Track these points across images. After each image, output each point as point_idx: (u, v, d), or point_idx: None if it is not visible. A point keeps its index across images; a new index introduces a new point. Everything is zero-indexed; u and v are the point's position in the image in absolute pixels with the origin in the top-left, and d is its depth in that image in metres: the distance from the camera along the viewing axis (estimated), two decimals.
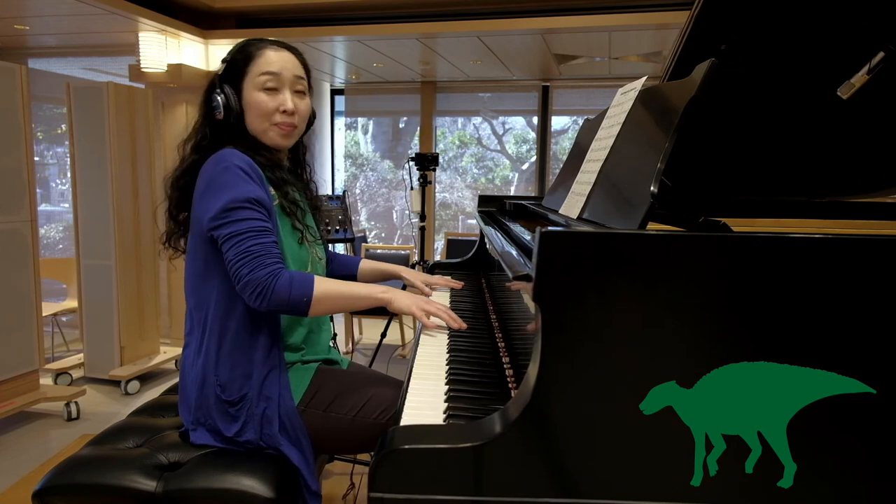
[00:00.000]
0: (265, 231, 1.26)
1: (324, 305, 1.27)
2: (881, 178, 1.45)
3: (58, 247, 6.07)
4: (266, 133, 1.39)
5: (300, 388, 1.33)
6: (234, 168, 1.27)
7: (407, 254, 4.59)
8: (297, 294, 1.23)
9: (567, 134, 5.81)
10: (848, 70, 1.18)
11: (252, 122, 1.39)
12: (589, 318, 0.81)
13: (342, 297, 1.29)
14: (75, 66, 5.19)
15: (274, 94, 1.37)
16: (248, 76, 1.37)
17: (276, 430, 1.27)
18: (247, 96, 1.37)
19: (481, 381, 1.19)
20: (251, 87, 1.37)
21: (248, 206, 1.25)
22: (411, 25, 3.78)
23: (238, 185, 1.26)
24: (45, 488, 1.20)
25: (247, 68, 1.37)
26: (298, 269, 1.40)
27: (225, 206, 1.24)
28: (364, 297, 1.32)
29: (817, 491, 0.82)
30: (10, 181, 2.86)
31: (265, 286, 1.21)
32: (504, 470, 0.83)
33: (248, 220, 1.24)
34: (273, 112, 1.37)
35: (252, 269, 1.22)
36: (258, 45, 1.40)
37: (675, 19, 3.28)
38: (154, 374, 3.75)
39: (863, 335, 0.80)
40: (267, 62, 1.37)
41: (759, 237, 0.80)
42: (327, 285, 1.28)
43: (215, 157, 1.31)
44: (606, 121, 1.33)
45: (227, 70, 1.39)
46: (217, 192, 1.25)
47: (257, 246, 1.23)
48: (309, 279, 1.26)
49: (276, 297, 1.22)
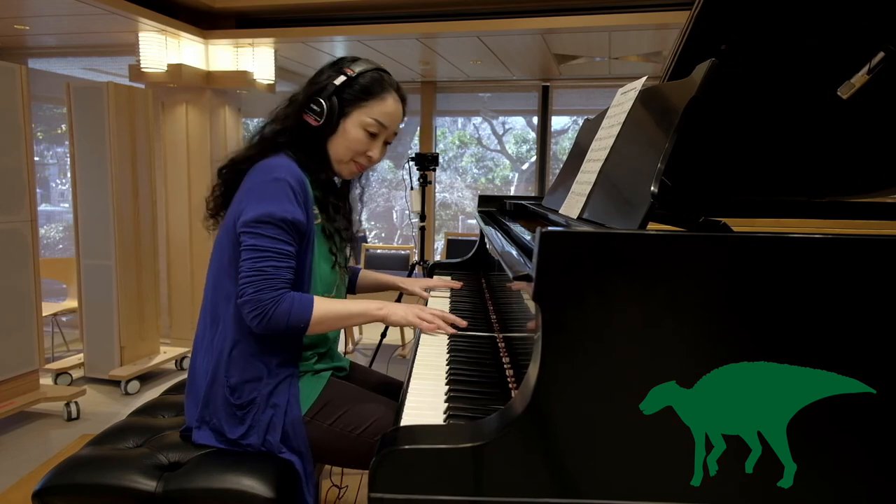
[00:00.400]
0: (286, 255, 1.27)
1: (321, 327, 1.28)
2: (881, 178, 1.46)
3: (58, 247, 6.07)
4: (342, 163, 1.41)
5: (309, 398, 1.32)
6: (284, 183, 1.27)
7: (407, 254, 4.59)
8: (295, 319, 1.25)
9: (567, 134, 5.81)
10: (848, 70, 1.18)
11: (337, 147, 1.39)
12: (589, 318, 0.81)
13: (339, 317, 1.31)
14: (75, 66, 5.19)
15: (370, 139, 1.39)
16: (361, 110, 1.37)
17: (278, 439, 1.27)
18: (348, 125, 1.37)
19: (481, 381, 1.19)
20: (357, 121, 1.37)
21: (281, 225, 1.26)
22: (411, 25, 3.78)
23: (281, 201, 1.26)
24: (45, 488, 1.20)
25: (365, 102, 1.37)
26: (326, 291, 1.43)
27: (260, 218, 1.24)
28: (360, 314, 1.34)
29: (817, 491, 0.82)
30: (10, 181, 2.86)
31: (264, 310, 1.23)
32: (504, 470, 0.83)
33: (274, 238, 1.25)
34: (361, 153, 1.40)
35: (258, 289, 1.23)
36: (386, 86, 1.39)
37: (675, 19, 3.28)
38: (154, 374, 3.75)
39: (863, 335, 0.80)
40: (384, 111, 1.38)
41: (759, 237, 0.80)
42: (325, 307, 1.29)
43: (271, 163, 1.31)
44: (606, 121, 1.33)
45: (345, 85, 1.37)
46: (259, 199, 1.26)
47: (272, 268, 1.25)
48: (308, 303, 1.27)
49: (273, 322, 1.23)
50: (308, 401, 1.31)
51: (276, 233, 1.25)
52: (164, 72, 3.95)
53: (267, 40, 4.10)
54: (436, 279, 2.01)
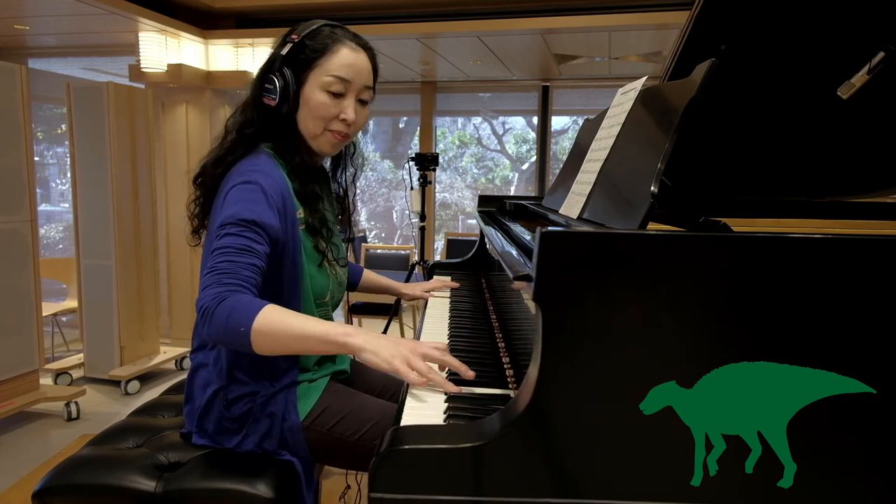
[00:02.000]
0: (247, 251, 1.10)
1: (268, 340, 1.04)
2: (881, 178, 1.45)
3: (58, 247, 6.07)
4: (317, 138, 1.28)
5: (307, 405, 1.27)
6: (255, 186, 1.17)
7: (407, 254, 4.59)
8: (234, 321, 1.02)
9: (567, 134, 5.81)
10: (848, 70, 1.18)
11: (305, 121, 1.26)
12: (589, 318, 0.81)
13: (292, 332, 1.04)
14: (75, 66, 5.20)
15: (337, 100, 1.26)
16: (316, 70, 1.24)
17: (275, 446, 1.25)
18: (307, 92, 1.25)
19: (481, 380, 1.19)
20: (315, 83, 1.24)
21: (244, 224, 1.12)
22: (411, 25, 3.78)
23: (249, 204, 1.15)
24: (45, 488, 1.20)
25: (317, 61, 1.24)
26: (319, 294, 1.32)
27: (224, 221, 1.13)
28: (318, 337, 1.05)
29: (817, 491, 0.82)
30: (10, 181, 2.86)
31: (206, 308, 1.04)
32: (504, 470, 0.83)
33: (236, 235, 1.11)
34: (332, 119, 1.26)
35: (207, 285, 1.06)
36: (335, 38, 1.25)
37: (675, 19, 3.29)
38: (154, 374, 3.75)
39: (863, 335, 0.80)
40: (340, 63, 1.24)
41: (759, 237, 0.80)
42: (277, 316, 1.04)
43: (245, 166, 1.21)
44: (606, 121, 1.33)
45: (293, 52, 1.23)
46: (230, 204, 1.16)
47: (227, 263, 1.08)
48: (254, 306, 1.04)
49: (214, 325, 1.04)
50: (306, 408, 1.27)
51: (238, 231, 1.12)
52: (164, 72, 3.95)
53: (267, 40, 4.10)
54: (435, 280, 2.01)
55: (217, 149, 1.30)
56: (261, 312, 1.03)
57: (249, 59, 4.21)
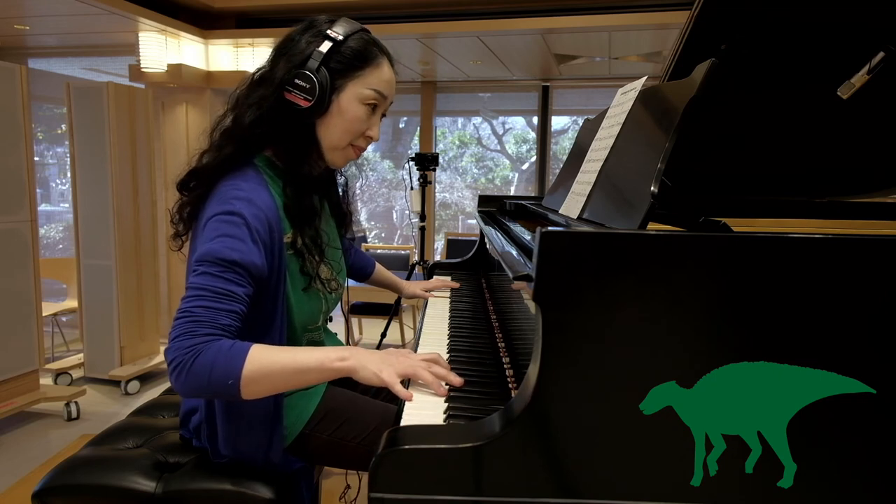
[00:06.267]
0: (227, 295, 1.00)
1: (261, 386, 0.99)
2: (881, 178, 1.45)
3: (58, 247, 6.07)
4: (336, 150, 1.18)
5: (306, 413, 1.25)
6: (239, 219, 1.05)
7: (407, 254, 4.59)
8: (219, 374, 0.95)
9: (567, 134, 5.81)
10: (848, 70, 1.18)
11: (332, 130, 1.15)
12: (589, 318, 0.81)
13: (285, 370, 0.99)
14: (75, 66, 5.20)
15: (370, 116, 1.18)
16: (357, 80, 1.14)
17: (276, 451, 1.23)
18: (344, 101, 1.14)
19: (481, 381, 1.19)
20: (354, 94, 1.14)
21: (223, 265, 1.01)
22: (411, 25, 3.78)
23: (230, 241, 1.03)
24: (45, 488, 1.20)
25: (360, 70, 1.14)
26: (308, 321, 1.23)
27: (202, 258, 1.02)
28: (314, 368, 1.01)
29: (817, 491, 0.82)
30: (10, 181, 2.86)
31: (181, 362, 0.95)
32: (504, 470, 0.83)
33: (214, 276, 1.00)
34: (359, 134, 1.18)
35: (179, 333, 0.96)
36: (378, 51, 1.17)
37: (675, 19, 3.29)
38: (154, 374, 3.75)
39: (863, 335, 0.80)
40: (382, 78, 1.16)
41: (759, 237, 0.80)
42: (265, 358, 0.98)
43: (228, 188, 1.08)
44: (606, 121, 1.33)
45: (333, 53, 1.12)
46: (209, 238, 1.04)
47: (202, 310, 0.98)
48: (240, 353, 0.97)
49: (192, 379, 0.95)
50: (305, 416, 1.25)
51: (217, 270, 1.01)
52: (164, 72, 3.95)
53: (267, 40, 4.11)
54: (435, 280, 2.01)
55: (215, 149, 1.16)
56: (247, 359, 0.97)
57: (249, 59, 4.21)
